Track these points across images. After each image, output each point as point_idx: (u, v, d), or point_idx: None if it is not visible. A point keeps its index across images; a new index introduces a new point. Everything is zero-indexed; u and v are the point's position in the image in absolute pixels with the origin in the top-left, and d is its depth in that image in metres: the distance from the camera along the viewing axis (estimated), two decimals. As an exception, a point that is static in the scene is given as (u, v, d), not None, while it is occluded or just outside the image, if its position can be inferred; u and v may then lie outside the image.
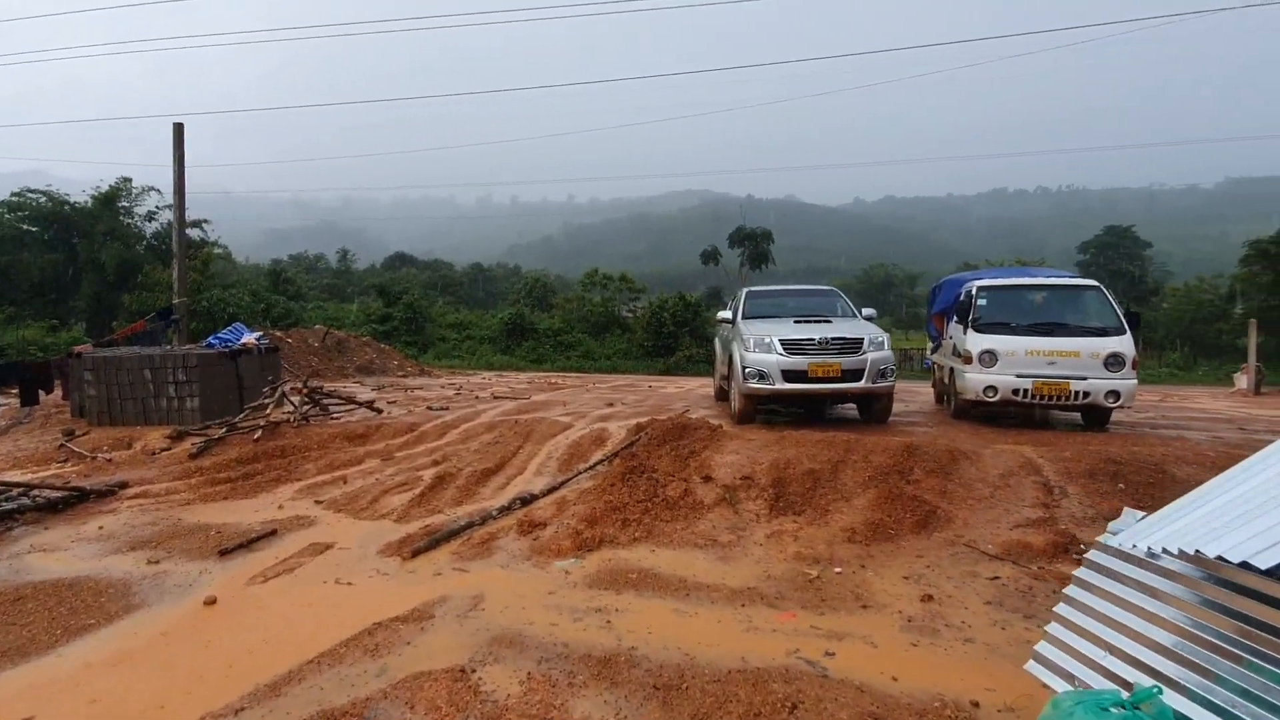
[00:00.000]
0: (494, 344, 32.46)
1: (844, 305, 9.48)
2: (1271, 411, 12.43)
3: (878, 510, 5.46)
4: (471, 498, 6.16)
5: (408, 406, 11.17)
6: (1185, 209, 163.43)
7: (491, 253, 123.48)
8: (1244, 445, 7.52)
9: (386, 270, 66.75)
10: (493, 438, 8.23)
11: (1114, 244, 54.85)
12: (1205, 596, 2.10)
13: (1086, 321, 8.31)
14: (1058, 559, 4.72)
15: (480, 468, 6.91)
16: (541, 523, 5.35)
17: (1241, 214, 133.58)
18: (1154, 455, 6.63)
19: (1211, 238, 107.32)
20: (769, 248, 48.14)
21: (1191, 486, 6.15)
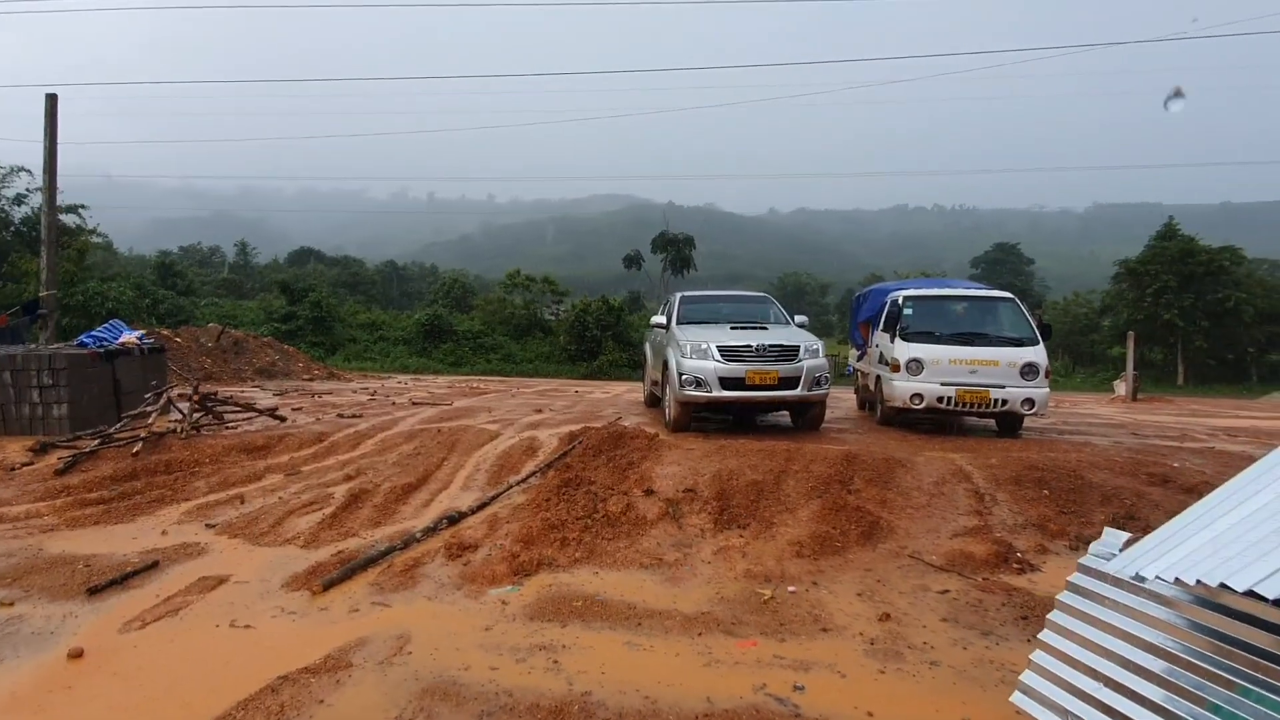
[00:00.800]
0: (409, 346, 31.04)
1: (777, 312, 9.49)
2: (1154, 417, 13.52)
3: (823, 522, 5.35)
4: (391, 517, 5.60)
5: (315, 414, 10.29)
6: (1061, 230, 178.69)
7: (406, 250, 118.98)
8: (1143, 450, 8.03)
9: (291, 266, 62.80)
10: (413, 448, 7.63)
11: (1002, 260, 59.40)
12: (1212, 626, 2.01)
13: (1004, 332, 8.66)
14: (999, 569, 4.75)
15: (400, 482, 6.33)
16: (472, 544, 4.90)
17: (1108, 236, 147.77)
18: (1070, 461, 6.92)
19: (1083, 257, 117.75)
20: (691, 254, 48.74)
21: (1107, 492, 6.49)
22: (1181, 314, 35.37)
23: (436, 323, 31.12)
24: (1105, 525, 5.93)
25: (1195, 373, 36.45)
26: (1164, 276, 36.41)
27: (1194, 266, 36.09)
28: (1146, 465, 7.08)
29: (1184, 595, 2.13)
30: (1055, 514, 5.84)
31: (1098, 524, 5.76)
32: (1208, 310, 35.52)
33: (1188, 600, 2.12)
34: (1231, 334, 36.22)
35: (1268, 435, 10.50)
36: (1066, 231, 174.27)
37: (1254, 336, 36.57)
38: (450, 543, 4.88)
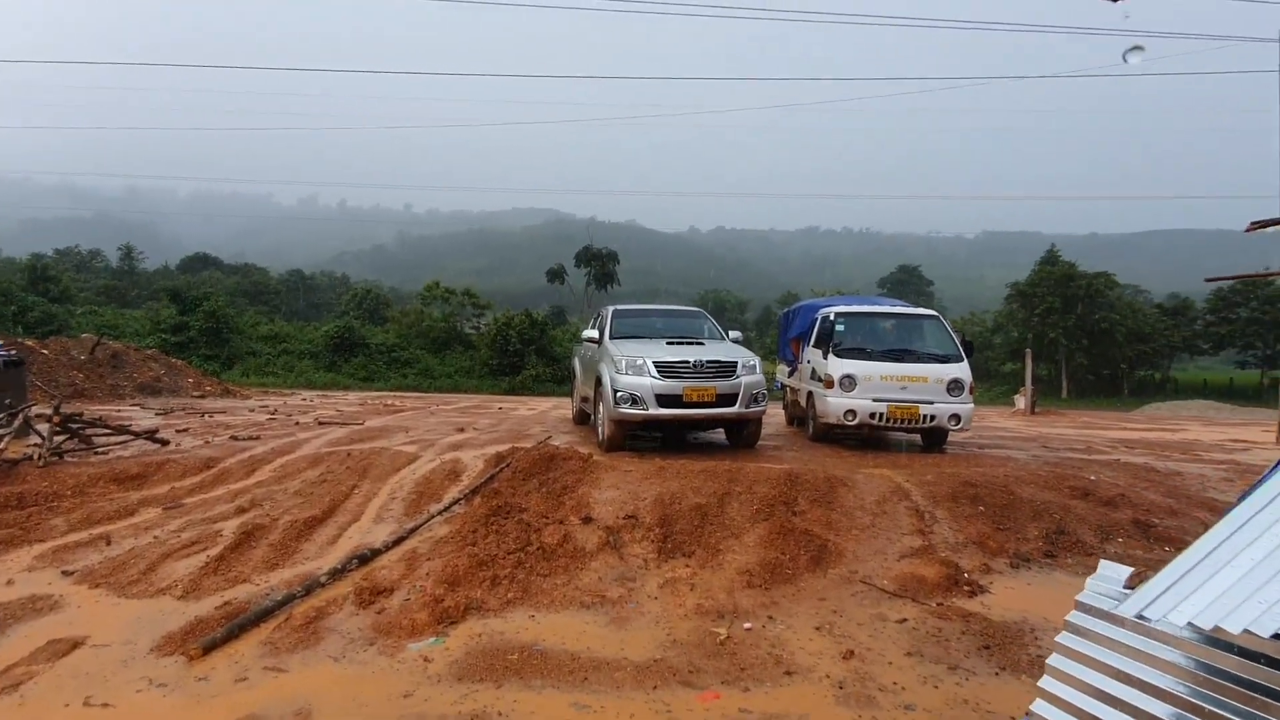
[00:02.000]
0: (316, 360, 29.13)
1: (711, 327, 9.30)
2: (1054, 430, 14.33)
3: (771, 548, 5.10)
4: (291, 558, 4.89)
5: (204, 436, 9.20)
6: (954, 255, 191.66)
7: (315, 259, 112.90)
8: (1060, 463, 8.32)
9: (183, 273, 58.09)
10: (319, 475, 6.86)
11: (906, 281, 63.03)
12: (1242, 675, 1.82)
13: (930, 349, 8.83)
14: (951, 592, 4.63)
15: (303, 516, 5.60)
16: (387, 588, 4.31)
17: (995, 261, 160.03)
18: (999, 477, 7.02)
19: (973, 280, 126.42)
20: (615, 269, 48.73)
21: (1037, 507, 6.59)
22: (1065, 333, 38.41)
23: (347, 335, 29.39)
24: (1039, 541, 6.04)
25: (1076, 386, 39.60)
26: (1049, 298, 39.50)
27: (1075, 290, 39.34)
28: (1067, 479, 7.30)
29: (1199, 638, 1.95)
30: (993, 531, 5.84)
31: (1032, 539, 5.82)
32: (1087, 330, 38.76)
33: (1204, 643, 1.93)
34: (1106, 352, 39.67)
35: (1159, 446, 11.27)
36: (959, 256, 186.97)
37: (1125, 354, 40.20)
38: (361, 586, 4.27)
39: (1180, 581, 2.04)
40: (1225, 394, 38.72)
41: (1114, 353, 39.55)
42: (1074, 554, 5.61)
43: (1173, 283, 56.30)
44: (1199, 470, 8.64)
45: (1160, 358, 42.66)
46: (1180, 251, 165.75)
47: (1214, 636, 1.85)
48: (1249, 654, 1.80)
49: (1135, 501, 6.85)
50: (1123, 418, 22.32)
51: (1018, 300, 41.96)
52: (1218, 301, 42.55)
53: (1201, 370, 49.15)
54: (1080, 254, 44.14)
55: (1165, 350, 42.24)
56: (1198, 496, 7.39)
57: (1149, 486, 7.49)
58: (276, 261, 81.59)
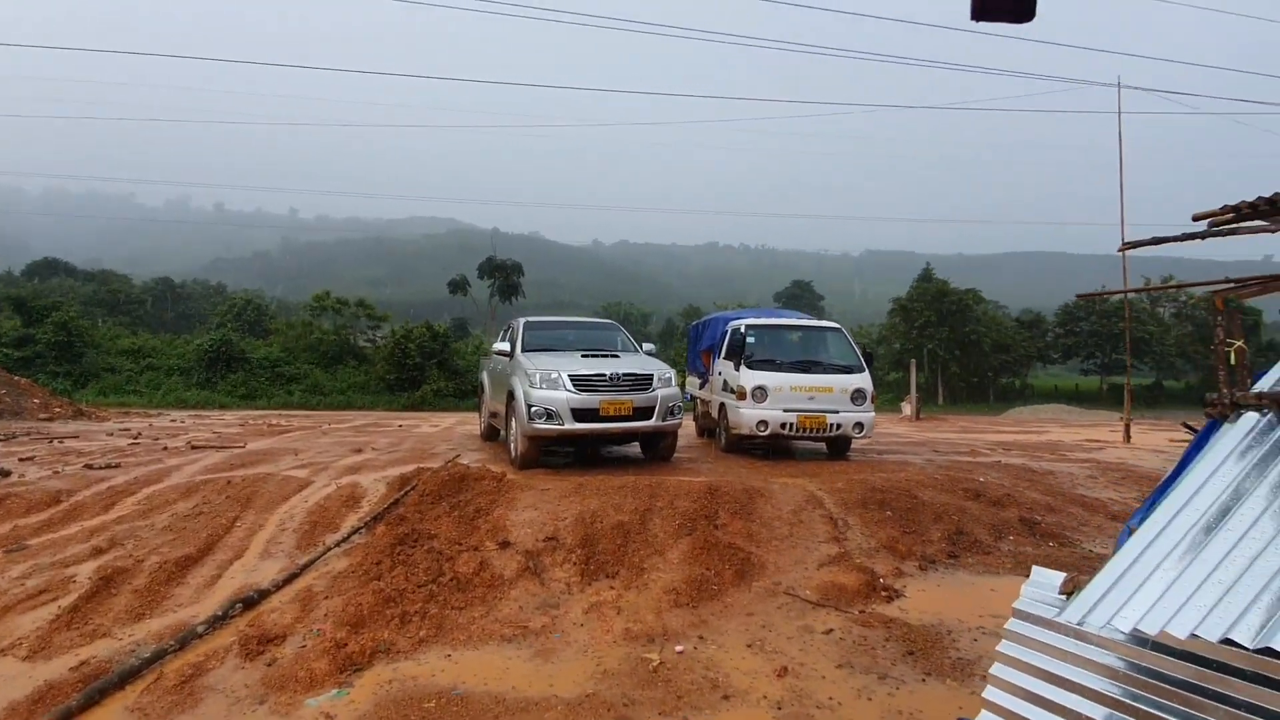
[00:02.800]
0: (188, 377, 26.51)
1: (625, 339, 9.21)
2: (940, 434, 15.33)
3: (695, 563, 5.02)
4: (160, 605, 4.26)
5: (52, 465, 8.02)
6: (839, 271, 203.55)
7: (186, 267, 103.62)
8: (952, 467, 8.84)
9: (29, 279, 51.38)
10: (193, 507, 6.10)
11: (798, 295, 66.19)
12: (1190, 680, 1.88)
13: (835, 359, 9.16)
14: (870, 599, 4.73)
15: (174, 555, 4.92)
16: (278, 634, 3.83)
17: (876, 278, 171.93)
18: (901, 482, 7.34)
19: (856, 294, 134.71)
20: (519, 280, 47.97)
21: (937, 509, 6.92)
22: (940, 344, 41.61)
23: (224, 349, 26.94)
24: (942, 543, 6.34)
25: (950, 393, 42.94)
26: (926, 313, 42.73)
27: (948, 304, 42.76)
28: (960, 481, 7.75)
29: (1139, 643, 2.01)
30: (901, 534, 6.06)
31: (936, 541, 6.09)
32: (958, 341, 42.20)
33: (1145, 648, 1.99)
34: (975, 361, 43.35)
35: (1030, 447, 12.29)
36: (842, 273, 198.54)
37: (991, 363, 44.13)
38: (247, 634, 3.77)
39: (1116, 587, 2.11)
40: (1073, 398, 43.41)
41: (981, 362, 43.29)
42: (973, 553, 5.93)
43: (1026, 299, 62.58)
44: (1067, 469, 9.45)
45: (1020, 366, 47.15)
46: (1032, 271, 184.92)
47: (1156, 641, 1.91)
48: (1188, 656, 1.86)
49: (1020, 501, 7.37)
50: (994, 421, 24.33)
51: (899, 314, 45.07)
52: (1065, 316, 47.69)
53: (1052, 377, 54.76)
54: (950, 272, 48.10)
55: (1023, 359, 46.75)
56: (1070, 494, 8.06)
57: (1029, 486, 8.10)
58: (140, 268, 74.04)
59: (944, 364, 41.62)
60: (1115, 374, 47.83)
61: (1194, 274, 37.77)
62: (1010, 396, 44.09)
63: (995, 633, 4.36)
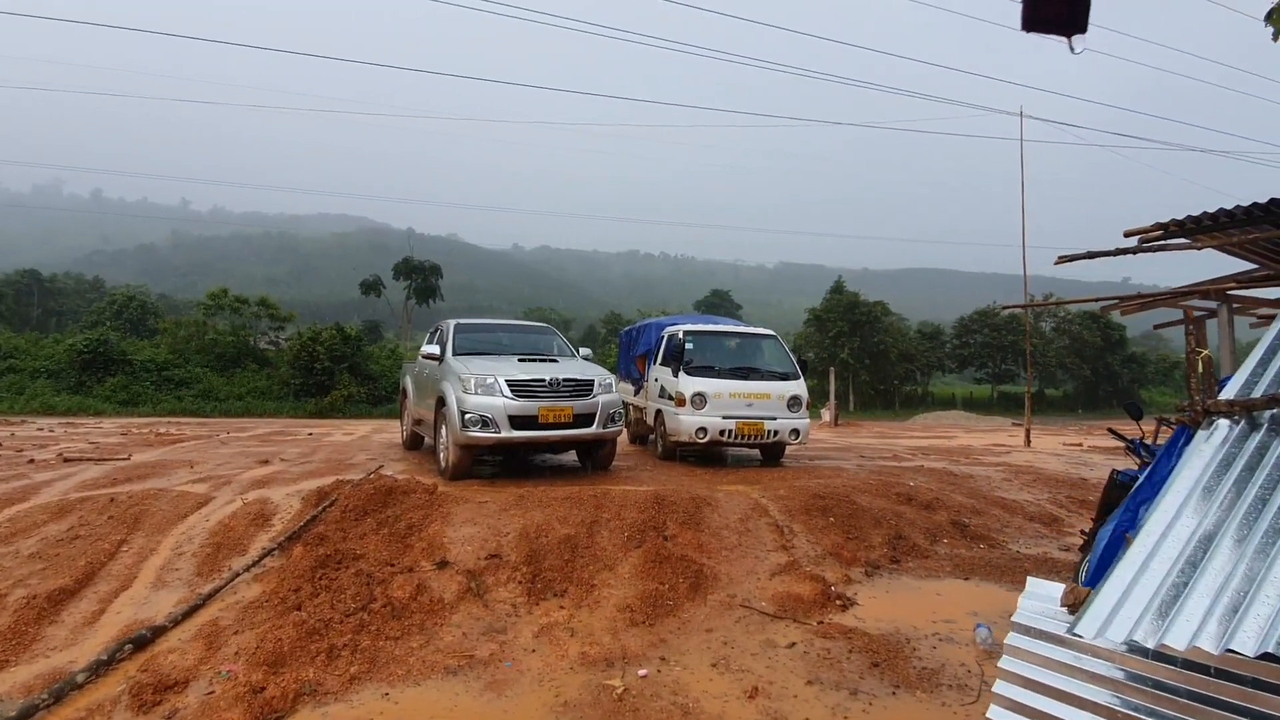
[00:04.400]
0: (58, 380, 23.78)
1: (561, 344, 8.88)
2: (860, 440, 15.86)
3: (648, 578, 4.79)
4: (29, 649, 3.58)
5: (-120, 484, 6.80)
6: (756, 282, 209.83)
7: (58, 259, 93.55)
8: (882, 472, 9.05)
9: None
10: (67, 530, 5.28)
11: (718, 304, 67.53)
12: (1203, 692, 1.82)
13: (771, 366, 9.20)
14: (826, 608, 4.66)
15: (45, 588, 4.19)
16: (179, 679, 3.29)
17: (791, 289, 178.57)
18: (840, 488, 7.41)
19: (773, 304, 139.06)
20: (438, 282, 46.35)
21: (875, 514, 7.01)
22: (852, 353, 43.49)
23: (102, 349, 24.31)
24: (884, 548, 6.40)
25: (860, 400, 44.96)
26: (839, 323, 44.59)
27: (859, 315, 44.81)
28: (892, 486, 7.92)
29: (1150, 657, 1.95)
30: (844, 540, 6.08)
31: (878, 546, 6.15)
32: (868, 351, 44.28)
33: (1157, 661, 1.94)
34: (883, 370, 45.61)
35: (946, 452, 12.88)
36: (758, 283, 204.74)
37: (897, 371, 46.58)
38: (139, 681, 3.21)
39: (1128, 600, 2.05)
40: (968, 404, 46.56)
41: (888, 370, 45.59)
42: (913, 557, 6.02)
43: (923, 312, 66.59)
44: (984, 472, 9.90)
45: (921, 375, 50.07)
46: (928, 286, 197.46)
47: (1183, 657, 1.85)
48: (1215, 672, 1.81)
49: (947, 504, 7.61)
50: (904, 426, 25.57)
51: (814, 324, 46.82)
52: (961, 329, 51.08)
53: (949, 385, 58.48)
54: (856, 285, 50.41)
55: (925, 368, 49.69)
56: (990, 496, 8.42)
57: (954, 489, 8.40)
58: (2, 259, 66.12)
59: (855, 372, 43.48)
60: (1004, 382, 51.65)
61: (1068, 292, 40.74)
62: (914, 403, 46.69)
63: (951, 638, 4.39)
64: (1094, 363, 48.39)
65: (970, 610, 4.85)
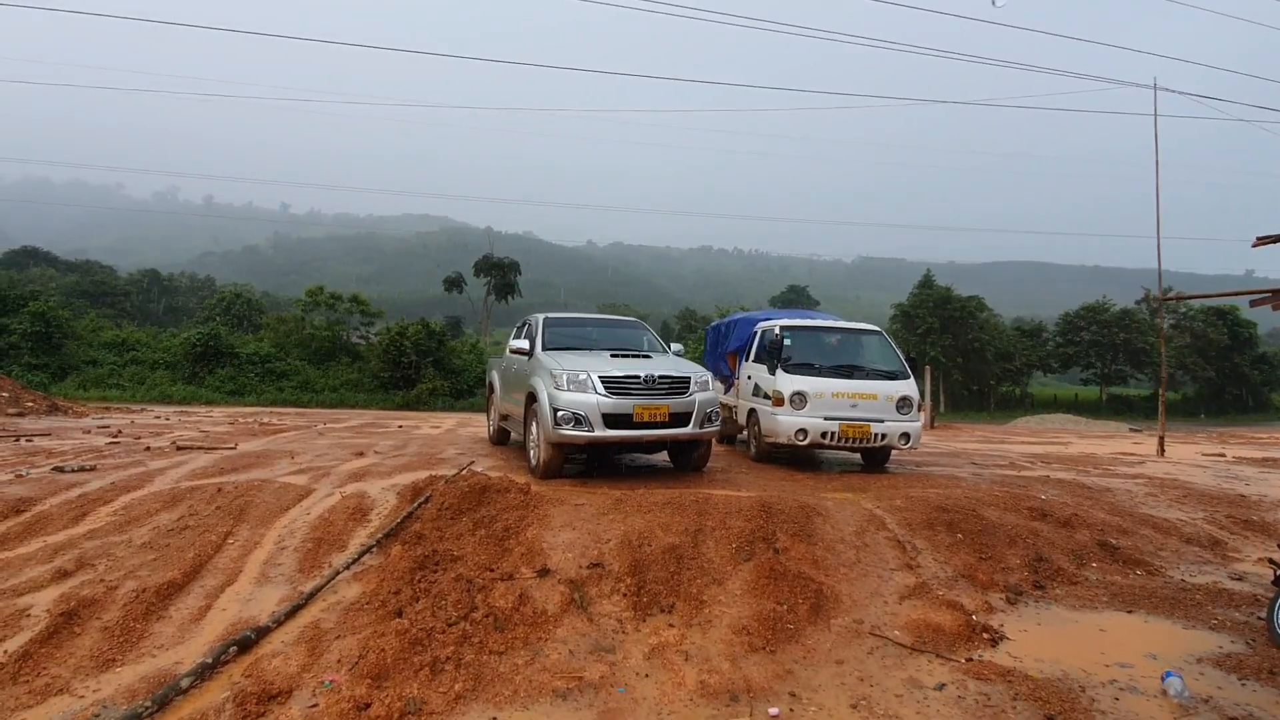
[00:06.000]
0: (174, 371, 25.55)
1: (651, 339, 8.52)
2: (965, 444, 14.74)
3: (762, 595, 4.34)
4: (136, 647, 3.52)
5: (16, 467, 7.22)
6: (833, 277, 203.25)
7: (174, 259, 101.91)
8: (1006, 483, 8.18)
9: (6, 269, 49.95)
10: (177, 520, 5.35)
11: (794, 300, 65.73)
12: None
13: (877, 365, 8.51)
14: (972, 642, 4.07)
15: (154, 580, 4.18)
16: (283, 688, 3.11)
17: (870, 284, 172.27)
18: (963, 499, 6.69)
19: (850, 300, 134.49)
20: (516, 279, 47.21)
21: (1008, 532, 6.14)
22: (944, 352, 41.20)
23: (213, 343, 25.97)
24: (1024, 570, 5.62)
25: (952, 401, 42.56)
26: (929, 319, 42.33)
27: (951, 311, 42.40)
28: (1021, 500, 7.11)
29: None
30: (976, 561, 5.42)
31: (1016, 568, 5.44)
32: (961, 349, 41.84)
33: None
34: (978, 369, 43.00)
35: (1068, 460, 11.68)
36: (835, 279, 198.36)
37: (993, 371, 43.80)
38: (244, 690, 3.05)
39: None
40: (1073, 407, 43.11)
41: (983, 370, 42.96)
42: (1060, 583, 5.30)
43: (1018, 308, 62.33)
44: (1122, 485, 8.84)
45: (1020, 375, 46.88)
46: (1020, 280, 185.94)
47: None
48: None
49: (1088, 521, 6.74)
50: (1007, 430, 23.81)
51: (901, 320, 44.65)
52: (1065, 325, 47.49)
53: (1049, 386, 54.56)
54: (942, 280, 47.69)
55: (1024, 368, 46.48)
56: (1136, 513, 7.44)
57: (1092, 504, 7.47)
58: (127, 260, 72.62)
59: (946, 371, 41.23)
60: (1113, 384, 47.68)
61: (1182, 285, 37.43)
62: (1010, 405, 43.79)
63: (1134, 688, 3.71)
64: (1219, 363, 43.96)
65: (1146, 651, 4.14)
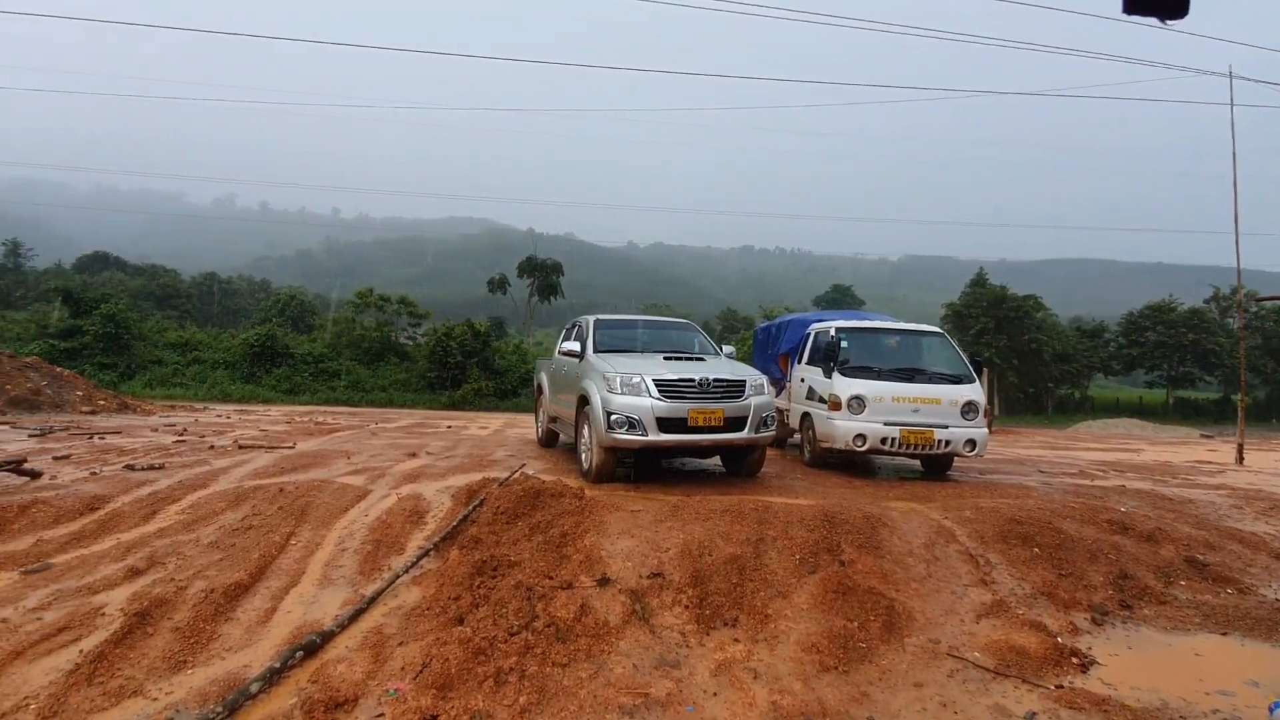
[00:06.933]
0: (233, 371, 26.48)
1: (703, 341, 8.37)
2: (1028, 450, 14.13)
3: (830, 610, 4.15)
4: (206, 649, 3.55)
5: (90, 465, 7.49)
6: (878, 276, 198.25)
7: (232, 263, 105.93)
8: (1080, 492, 7.76)
9: (79, 273, 52.77)
10: (242, 519, 5.45)
11: (839, 300, 64.34)
12: None
13: (940, 368, 8.18)
14: (1060, 667, 3.81)
15: (222, 581, 4.24)
16: (348, 696, 3.08)
17: (916, 283, 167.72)
18: (1036, 510, 6.33)
19: (897, 299, 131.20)
20: (558, 280, 47.52)
21: (1089, 546, 5.74)
22: (998, 353, 39.73)
23: (269, 343, 26.85)
24: (1108, 589, 5.27)
25: (1007, 404, 41.04)
26: (983, 319, 40.88)
27: (1005, 311, 40.88)
28: (1099, 512, 6.70)
29: None
30: (1056, 578, 5.12)
31: (1099, 586, 5.12)
32: (1017, 350, 40.28)
33: None
34: (1034, 371, 41.34)
35: (1141, 469, 11.06)
36: (880, 278, 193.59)
37: (1051, 373, 42.04)
38: (311, 696, 3.03)
39: None
40: (1137, 411, 41.05)
41: (1041, 371, 41.27)
42: (1148, 603, 4.95)
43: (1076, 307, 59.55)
44: (1204, 496, 8.29)
45: (1080, 377, 44.86)
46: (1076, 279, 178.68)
47: None
48: None
49: (1173, 535, 6.31)
50: (1070, 436, 22.82)
51: (952, 320, 43.25)
52: (1129, 325, 45.28)
53: (1105, 389, 52.05)
54: (994, 278, 45.86)
55: (1084, 370, 44.47)
56: (1223, 527, 6.94)
57: (1175, 517, 7.01)
58: (189, 264, 75.79)
59: (1000, 373, 39.80)
60: (1182, 387, 45.26)
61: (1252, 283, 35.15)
62: (1069, 409, 41.99)
63: (1239, 719, 3.43)
64: (1293, 365, 41.30)
65: (1246, 678, 3.83)
